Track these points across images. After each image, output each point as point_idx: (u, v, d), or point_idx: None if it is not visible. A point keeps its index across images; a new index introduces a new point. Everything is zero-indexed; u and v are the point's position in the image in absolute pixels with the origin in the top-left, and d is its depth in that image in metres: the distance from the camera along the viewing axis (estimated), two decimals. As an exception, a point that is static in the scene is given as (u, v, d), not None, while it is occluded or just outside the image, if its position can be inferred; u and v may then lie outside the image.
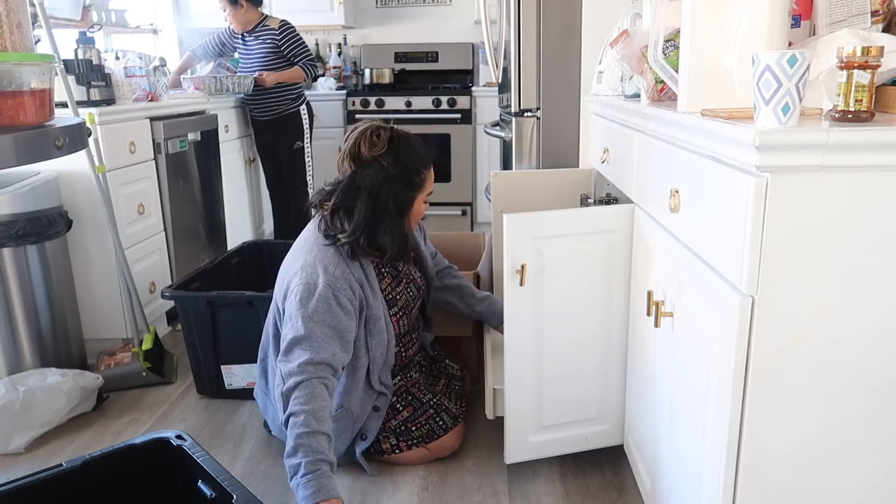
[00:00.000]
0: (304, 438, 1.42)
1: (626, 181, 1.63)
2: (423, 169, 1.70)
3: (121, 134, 2.45)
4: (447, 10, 4.54)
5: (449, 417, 1.81)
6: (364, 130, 1.66)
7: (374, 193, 1.64)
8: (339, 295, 1.59)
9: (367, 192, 1.64)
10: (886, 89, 1.03)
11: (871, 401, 0.97)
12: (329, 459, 1.43)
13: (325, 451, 1.43)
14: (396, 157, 1.64)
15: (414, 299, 1.84)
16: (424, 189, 1.72)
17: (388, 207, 1.66)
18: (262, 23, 3.41)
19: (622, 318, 1.64)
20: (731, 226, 0.97)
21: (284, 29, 3.40)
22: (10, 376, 2.03)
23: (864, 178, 0.89)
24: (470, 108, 4.12)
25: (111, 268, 2.39)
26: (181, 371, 2.39)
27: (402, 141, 1.68)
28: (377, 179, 1.64)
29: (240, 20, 3.37)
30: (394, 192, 1.65)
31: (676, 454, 1.28)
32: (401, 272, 1.82)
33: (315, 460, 1.40)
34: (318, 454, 1.41)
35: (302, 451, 1.41)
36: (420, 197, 1.72)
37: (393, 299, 1.77)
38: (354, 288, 1.63)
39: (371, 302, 1.68)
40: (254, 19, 3.40)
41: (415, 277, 1.86)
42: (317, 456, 1.41)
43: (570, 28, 2.10)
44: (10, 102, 1.21)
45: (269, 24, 3.41)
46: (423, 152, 1.71)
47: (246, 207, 3.74)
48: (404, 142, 1.68)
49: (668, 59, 1.31)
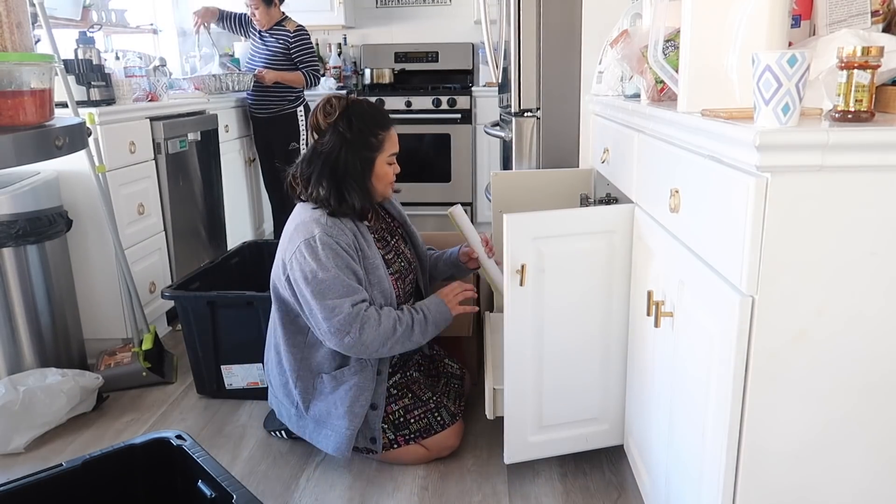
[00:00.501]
0: (402, 321, 1.69)
1: (626, 181, 1.63)
2: (378, 130, 1.75)
3: (121, 134, 2.45)
4: (447, 10, 4.54)
5: (447, 414, 1.81)
6: (320, 102, 1.75)
7: (333, 157, 1.71)
8: (338, 240, 1.66)
9: (326, 156, 1.71)
10: (886, 89, 1.03)
11: (870, 400, 0.97)
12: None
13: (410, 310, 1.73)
14: (349, 121, 1.71)
15: (405, 271, 1.86)
16: (384, 150, 1.76)
17: (348, 170, 1.72)
18: (281, 22, 3.46)
19: (622, 318, 1.64)
20: (731, 226, 0.97)
21: (299, 33, 3.45)
22: (10, 376, 2.03)
23: (864, 178, 0.89)
24: (470, 108, 4.11)
25: (111, 268, 2.40)
26: (181, 371, 2.39)
27: (356, 106, 1.74)
28: (335, 144, 1.71)
29: (267, 18, 3.42)
30: (353, 155, 1.72)
31: (676, 454, 1.28)
32: (390, 243, 1.85)
33: (411, 308, 1.73)
34: (412, 311, 1.72)
35: (408, 318, 1.70)
36: (381, 158, 1.76)
37: (387, 261, 1.80)
38: (348, 235, 1.69)
39: (367, 251, 1.73)
40: (276, 17, 3.46)
41: (405, 252, 1.89)
42: (413, 311, 1.73)
43: (570, 28, 2.10)
44: (10, 102, 1.21)
45: (286, 26, 3.46)
46: (378, 115, 1.77)
47: (246, 207, 3.74)
48: (357, 107, 1.74)
49: (668, 59, 1.31)
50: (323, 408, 1.74)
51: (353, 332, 1.63)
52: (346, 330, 1.63)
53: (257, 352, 2.10)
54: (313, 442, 1.78)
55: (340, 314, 1.62)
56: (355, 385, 1.72)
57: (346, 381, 1.72)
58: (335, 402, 1.73)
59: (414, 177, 4.15)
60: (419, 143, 4.13)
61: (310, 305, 1.65)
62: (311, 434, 1.77)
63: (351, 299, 1.64)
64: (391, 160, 1.78)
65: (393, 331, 1.67)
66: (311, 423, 1.77)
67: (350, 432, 1.71)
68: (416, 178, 4.15)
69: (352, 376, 1.72)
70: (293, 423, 1.81)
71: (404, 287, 1.84)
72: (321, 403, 1.75)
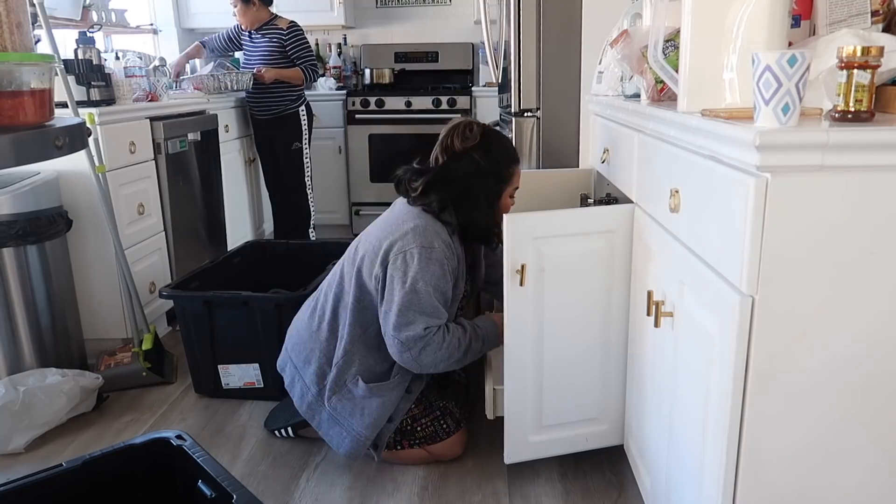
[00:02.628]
0: (461, 346, 1.67)
1: (626, 181, 1.63)
2: (511, 164, 1.77)
3: (121, 134, 2.45)
4: (447, 10, 4.54)
5: (452, 422, 1.81)
6: (457, 125, 1.75)
7: (465, 184, 1.71)
8: (448, 261, 1.67)
9: (458, 182, 1.71)
10: (886, 89, 1.03)
11: (870, 400, 0.97)
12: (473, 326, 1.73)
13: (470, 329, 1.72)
14: (487, 150, 1.72)
15: (459, 297, 1.83)
16: (512, 183, 1.78)
17: (478, 198, 1.72)
18: (271, 21, 3.45)
19: (622, 318, 1.64)
20: (731, 226, 0.97)
21: (292, 30, 3.44)
22: (10, 376, 2.03)
23: (864, 178, 0.89)
24: (470, 108, 4.11)
25: (111, 268, 2.40)
26: (181, 371, 2.39)
27: (493, 136, 1.76)
28: (469, 171, 1.71)
29: (249, 18, 3.40)
30: (484, 184, 1.73)
31: (676, 454, 1.28)
32: (468, 267, 1.85)
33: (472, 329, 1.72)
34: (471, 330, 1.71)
35: (467, 341, 1.69)
36: (507, 190, 1.78)
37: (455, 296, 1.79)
38: (454, 260, 1.70)
39: (459, 282, 1.74)
40: (263, 18, 3.44)
41: (468, 286, 1.86)
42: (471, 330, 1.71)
43: (570, 28, 2.10)
44: (10, 102, 1.21)
45: (277, 24, 3.44)
46: (513, 150, 1.80)
47: (246, 207, 3.74)
48: (495, 137, 1.76)
49: (668, 59, 1.31)
50: (347, 407, 1.72)
51: (414, 351, 1.63)
52: (408, 346, 1.63)
53: (254, 352, 2.10)
54: (320, 432, 1.76)
55: (411, 331, 1.62)
56: (389, 401, 1.71)
57: (382, 395, 1.71)
58: (363, 410, 1.71)
59: (414, 177, 4.14)
60: (419, 143, 4.13)
61: (390, 305, 1.63)
62: (320, 423, 1.76)
63: (428, 320, 1.63)
64: (513, 193, 1.80)
65: (450, 356, 1.66)
66: (325, 414, 1.75)
67: (369, 441, 1.71)
68: (416, 178, 4.15)
69: (389, 392, 1.72)
70: (304, 404, 1.77)
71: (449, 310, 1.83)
72: (347, 403, 1.72)
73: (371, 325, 1.71)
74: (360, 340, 1.72)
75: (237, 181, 3.59)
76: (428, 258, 1.63)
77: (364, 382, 1.71)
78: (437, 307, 1.64)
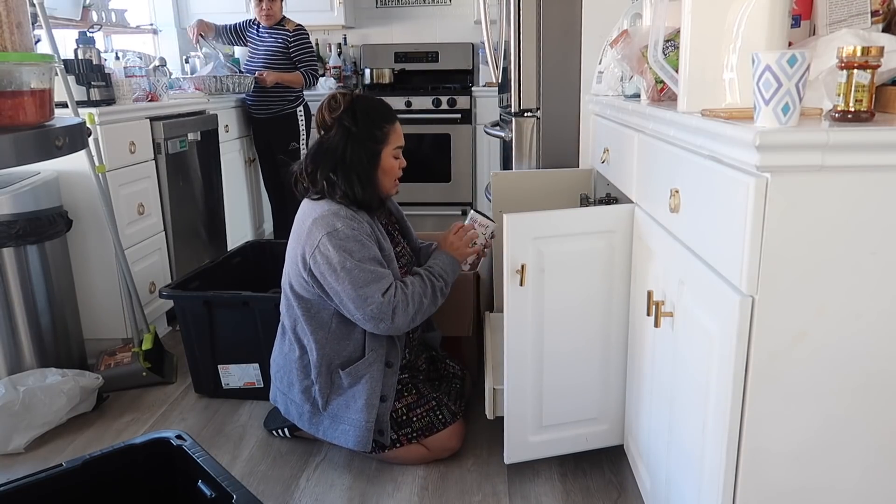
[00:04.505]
0: (426, 293, 1.72)
1: (626, 181, 1.63)
2: (383, 123, 1.77)
3: (121, 134, 2.45)
4: (447, 10, 4.54)
5: (448, 413, 1.81)
6: (326, 98, 1.77)
7: (339, 151, 1.73)
8: (359, 231, 1.68)
9: (333, 151, 1.74)
10: (886, 89, 1.03)
11: (870, 400, 0.97)
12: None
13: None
14: (354, 115, 1.73)
15: (409, 264, 1.88)
16: (389, 143, 1.78)
17: (354, 163, 1.73)
18: (280, 22, 3.49)
19: (622, 318, 1.64)
20: (731, 226, 0.97)
21: (298, 33, 3.47)
22: (10, 376, 2.03)
23: (864, 178, 0.89)
24: (470, 108, 4.11)
25: (111, 268, 2.39)
26: (181, 371, 2.39)
27: (360, 100, 1.76)
28: (341, 138, 1.74)
29: (276, 14, 3.44)
30: (359, 148, 1.74)
31: (676, 454, 1.28)
32: (395, 237, 1.87)
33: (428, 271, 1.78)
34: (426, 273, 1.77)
35: (429, 287, 1.74)
36: (387, 151, 1.77)
37: (396, 255, 1.81)
38: (366, 227, 1.71)
39: (384, 244, 1.75)
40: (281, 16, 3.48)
41: (405, 246, 1.91)
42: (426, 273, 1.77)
43: (570, 28, 2.10)
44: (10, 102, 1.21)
45: (285, 25, 3.48)
46: (383, 108, 1.79)
47: (246, 207, 3.74)
48: (362, 101, 1.77)
49: (668, 59, 1.31)
50: (342, 402, 1.74)
51: (387, 318, 1.66)
52: (379, 318, 1.65)
53: (254, 352, 2.10)
54: (328, 438, 1.77)
55: (372, 304, 1.64)
56: (370, 377, 1.73)
57: (363, 374, 1.73)
58: (354, 396, 1.73)
59: (414, 177, 4.14)
60: (419, 143, 4.13)
61: (340, 297, 1.66)
62: (325, 431, 1.77)
63: (380, 286, 1.65)
64: (397, 153, 1.80)
65: (420, 305, 1.70)
66: (326, 420, 1.76)
67: (370, 424, 1.72)
68: (416, 178, 4.15)
69: (367, 369, 1.73)
70: (305, 422, 1.80)
71: None
72: (340, 399, 1.74)
73: (330, 322, 1.74)
74: (327, 341, 1.74)
75: (237, 181, 3.59)
76: (339, 240, 1.65)
77: (343, 370, 1.73)
78: (378, 270, 1.67)
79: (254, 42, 3.55)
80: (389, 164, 1.78)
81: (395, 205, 1.98)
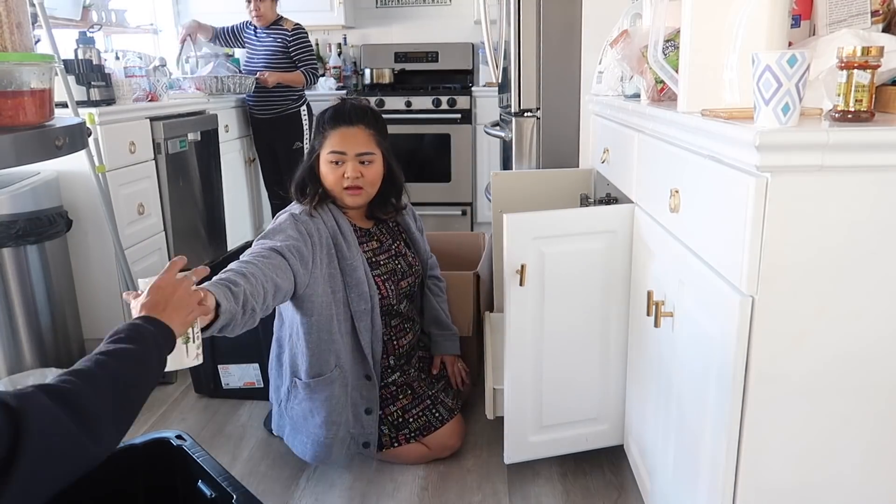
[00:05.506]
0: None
1: (626, 181, 1.63)
2: (325, 125, 1.74)
3: (121, 134, 2.45)
4: (447, 10, 4.54)
5: (445, 410, 1.81)
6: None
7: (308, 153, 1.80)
8: (298, 223, 1.64)
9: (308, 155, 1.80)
10: (886, 89, 1.03)
11: (870, 400, 0.97)
12: (230, 279, 1.36)
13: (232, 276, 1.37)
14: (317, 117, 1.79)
15: (402, 273, 1.82)
16: (324, 146, 1.72)
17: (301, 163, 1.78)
18: (277, 21, 3.49)
19: (622, 318, 1.64)
20: (731, 226, 0.97)
21: (297, 32, 3.48)
22: (9, 376, 2.03)
23: (864, 178, 0.89)
24: (470, 108, 4.11)
25: (111, 268, 2.39)
26: (181, 371, 2.39)
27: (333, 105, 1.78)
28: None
29: (266, 14, 3.44)
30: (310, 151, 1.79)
31: (676, 454, 1.28)
32: (384, 243, 1.83)
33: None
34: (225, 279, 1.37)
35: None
36: (323, 155, 1.72)
37: (376, 262, 1.78)
38: (321, 228, 1.67)
39: (345, 251, 1.68)
40: (275, 16, 3.49)
41: (406, 254, 1.87)
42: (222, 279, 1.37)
43: (570, 28, 2.10)
44: (10, 102, 1.21)
45: (283, 24, 3.49)
46: (335, 111, 1.74)
47: (246, 207, 3.74)
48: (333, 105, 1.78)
49: (668, 59, 1.31)
50: (299, 412, 1.71)
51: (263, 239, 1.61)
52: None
53: (254, 352, 2.10)
54: (289, 445, 1.77)
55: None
56: (331, 396, 1.67)
57: (323, 391, 1.67)
58: (311, 410, 1.69)
59: (414, 177, 4.15)
60: (419, 143, 4.13)
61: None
62: (287, 436, 1.77)
63: (267, 242, 1.57)
64: (333, 158, 1.70)
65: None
66: (287, 426, 1.76)
67: (330, 441, 1.68)
68: (415, 178, 4.15)
69: (327, 386, 1.67)
70: (274, 423, 1.81)
71: (397, 289, 1.80)
72: (298, 407, 1.72)
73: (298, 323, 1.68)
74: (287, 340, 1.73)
75: (237, 181, 3.59)
76: (280, 219, 1.67)
77: (301, 380, 1.69)
78: (279, 238, 1.59)
79: (252, 43, 3.55)
80: (325, 170, 1.72)
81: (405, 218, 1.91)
